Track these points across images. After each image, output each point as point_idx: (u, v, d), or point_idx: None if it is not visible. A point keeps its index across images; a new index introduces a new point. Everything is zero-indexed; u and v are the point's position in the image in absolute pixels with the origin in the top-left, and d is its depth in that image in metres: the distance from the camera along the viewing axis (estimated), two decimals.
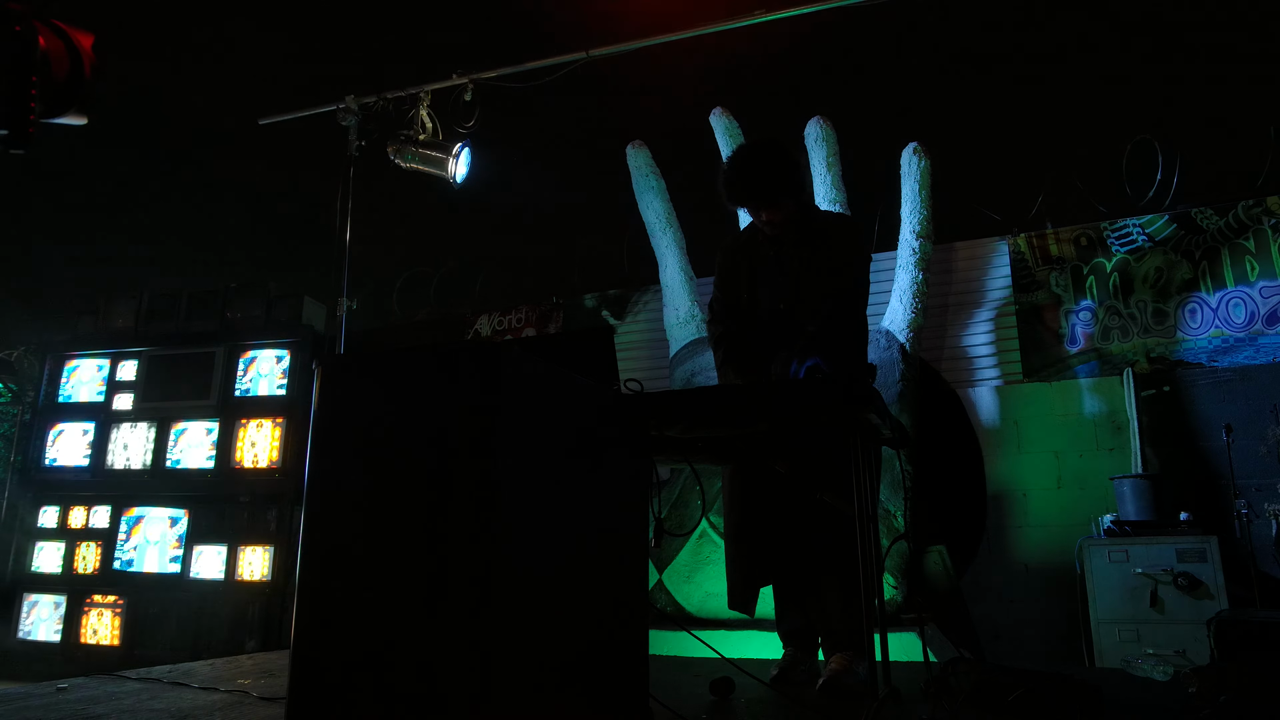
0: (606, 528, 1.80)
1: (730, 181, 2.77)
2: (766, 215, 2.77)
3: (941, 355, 4.82)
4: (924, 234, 4.78)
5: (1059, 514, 4.36)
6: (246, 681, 2.58)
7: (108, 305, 6.36)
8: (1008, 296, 4.76)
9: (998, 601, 4.36)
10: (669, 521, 2.22)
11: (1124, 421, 4.33)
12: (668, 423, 2.12)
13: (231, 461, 5.73)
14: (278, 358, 5.86)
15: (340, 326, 3.98)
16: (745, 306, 2.85)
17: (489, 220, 6.88)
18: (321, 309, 5.97)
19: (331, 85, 4.33)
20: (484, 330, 6.01)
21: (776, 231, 2.80)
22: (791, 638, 2.69)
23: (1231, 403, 4.13)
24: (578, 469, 1.70)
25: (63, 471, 6.03)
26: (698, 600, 4.87)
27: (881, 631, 2.08)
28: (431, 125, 4.28)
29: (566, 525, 1.62)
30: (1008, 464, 4.54)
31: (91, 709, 2.14)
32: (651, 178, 5.50)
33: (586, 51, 4.11)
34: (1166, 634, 3.57)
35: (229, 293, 6.16)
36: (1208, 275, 4.39)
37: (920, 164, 4.84)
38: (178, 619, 5.50)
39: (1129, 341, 4.47)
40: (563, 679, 1.56)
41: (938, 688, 2.13)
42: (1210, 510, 3.99)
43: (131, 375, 6.12)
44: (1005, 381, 4.65)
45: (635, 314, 5.63)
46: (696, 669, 2.70)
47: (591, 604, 1.70)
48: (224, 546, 5.59)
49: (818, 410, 2.06)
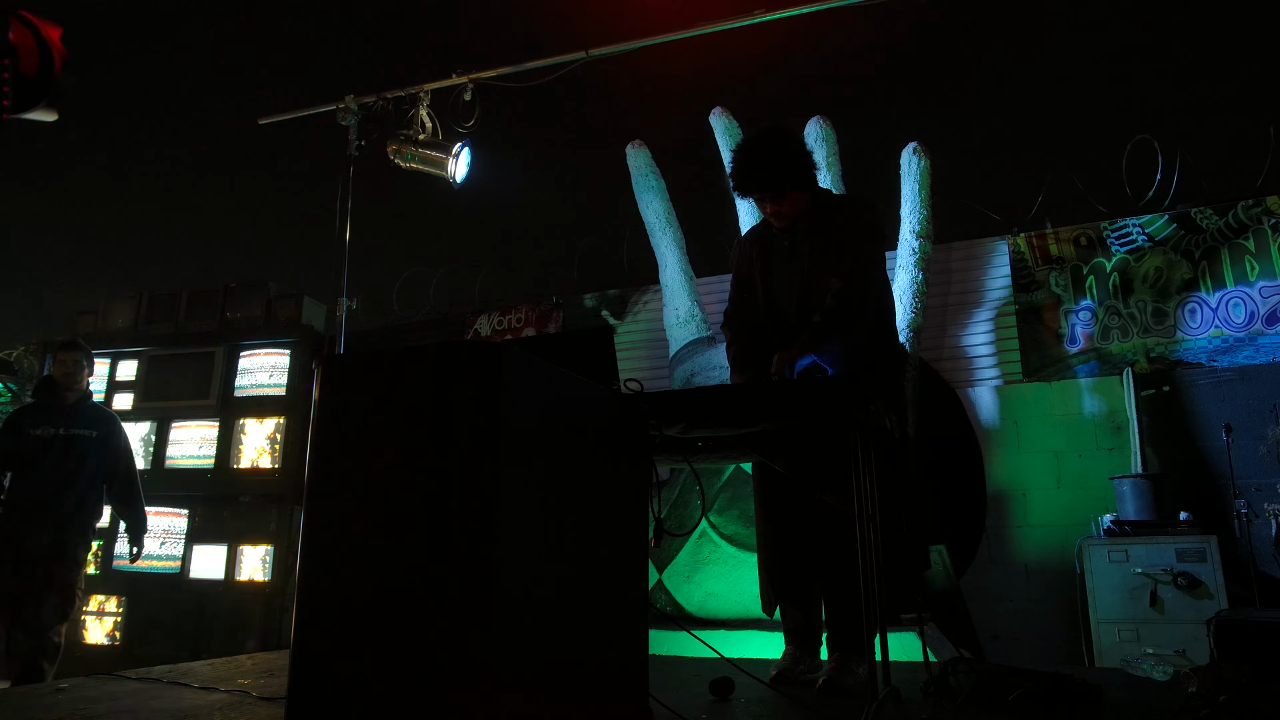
0: (606, 527, 1.80)
1: (736, 171, 2.69)
2: (773, 206, 2.68)
3: (941, 355, 4.82)
4: (924, 234, 4.78)
5: (1059, 514, 4.36)
6: (246, 681, 2.58)
7: (108, 305, 6.37)
8: (1007, 296, 4.76)
9: (998, 601, 4.36)
10: (669, 521, 2.22)
11: (1124, 421, 4.33)
12: (668, 422, 2.12)
13: (231, 461, 5.73)
14: (277, 357, 5.86)
15: (340, 326, 3.98)
16: (760, 303, 2.81)
17: (489, 220, 6.89)
18: (321, 309, 5.98)
19: (332, 85, 4.34)
20: (484, 330, 6.01)
21: (787, 223, 2.72)
22: (792, 637, 2.69)
23: (1231, 403, 4.13)
24: (578, 468, 1.70)
25: None
26: (698, 600, 4.87)
27: (881, 631, 2.09)
28: (431, 125, 4.28)
29: (567, 525, 1.62)
30: (1008, 464, 4.54)
31: (91, 709, 2.14)
32: (651, 178, 5.50)
33: (586, 51, 4.11)
34: (1166, 634, 3.57)
35: (229, 292, 6.16)
36: (1207, 275, 4.39)
37: (920, 164, 4.84)
38: (178, 619, 5.50)
39: (1129, 341, 4.47)
40: (563, 678, 1.56)
41: (938, 688, 2.13)
42: (1210, 510, 3.99)
43: (131, 375, 6.12)
44: (1005, 381, 4.65)
45: (635, 314, 5.63)
46: (696, 669, 2.70)
47: (592, 603, 1.70)
48: (224, 546, 5.59)
49: (813, 410, 2.06)
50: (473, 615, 1.33)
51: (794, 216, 2.71)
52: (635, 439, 1.97)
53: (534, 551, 1.48)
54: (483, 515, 1.36)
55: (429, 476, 1.41)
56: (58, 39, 1.03)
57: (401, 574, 1.39)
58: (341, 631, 1.41)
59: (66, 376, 4.08)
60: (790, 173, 2.65)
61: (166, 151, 7.81)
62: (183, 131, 7.66)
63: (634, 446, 1.97)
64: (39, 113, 1.03)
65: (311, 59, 6.95)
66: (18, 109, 1.00)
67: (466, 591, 1.33)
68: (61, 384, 4.09)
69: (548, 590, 1.53)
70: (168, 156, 7.81)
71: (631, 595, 1.88)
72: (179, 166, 7.89)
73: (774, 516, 2.70)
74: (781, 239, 2.77)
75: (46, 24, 1.03)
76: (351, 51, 6.84)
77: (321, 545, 1.47)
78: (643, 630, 1.91)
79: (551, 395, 1.61)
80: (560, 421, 1.64)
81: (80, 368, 4.12)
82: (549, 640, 1.51)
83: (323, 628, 1.44)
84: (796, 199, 2.69)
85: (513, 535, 1.41)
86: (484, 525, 1.36)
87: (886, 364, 2.64)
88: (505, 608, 1.36)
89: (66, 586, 3.86)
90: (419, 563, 1.37)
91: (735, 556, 4.79)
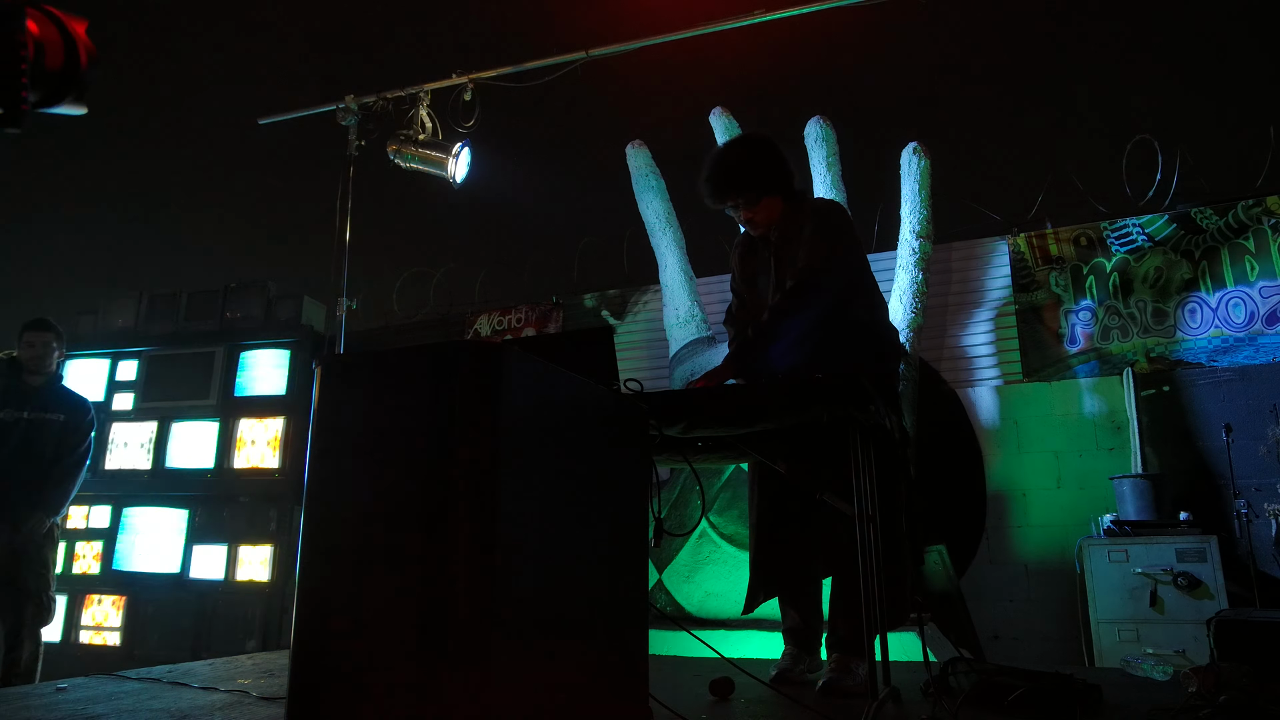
0: (607, 527, 1.80)
1: (705, 182, 2.64)
2: (747, 214, 2.64)
3: (941, 355, 4.82)
4: (924, 234, 4.78)
5: (1059, 514, 4.36)
6: (246, 681, 2.58)
7: (108, 305, 6.37)
8: (1007, 296, 4.75)
9: (998, 601, 4.36)
10: (669, 521, 2.22)
11: (1124, 421, 4.33)
12: (668, 422, 2.12)
13: (231, 461, 5.73)
14: (277, 357, 5.86)
15: (340, 326, 3.97)
16: (750, 307, 2.82)
17: (489, 220, 6.89)
18: (321, 309, 5.98)
19: (332, 85, 4.34)
20: (484, 330, 6.02)
21: (764, 230, 2.68)
22: (792, 637, 2.69)
23: (1231, 403, 4.13)
24: (578, 468, 1.70)
25: None
26: (698, 600, 4.87)
27: (881, 631, 2.09)
28: (431, 125, 4.28)
29: (567, 524, 1.62)
30: (1008, 464, 4.54)
31: (91, 709, 2.14)
32: (651, 178, 5.50)
33: (586, 51, 4.11)
34: (1166, 634, 3.57)
35: (229, 293, 6.16)
36: (1207, 275, 4.39)
37: (920, 164, 4.84)
38: (178, 619, 5.50)
39: (1129, 341, 4.47)
40: (563, 679, 1.56)
41: (938, 688, 2.13)
42: (1210, 510, 3.99)
43: (131, 375, 6.12)
44: (1005, 381, 4.65)
45: (635, 314, 5.63)
46: (696, 669, 2.70)
47: (592, 603, 1.70)
48: (224, 546, 5.59)
49: (813, 410, 2.06)
50: (473, 615, 1.33)
51: (769, 224, 2.67)
52: (635, 439, 1.97)
53: (534, 552, 1.48)
54: (483, 515, 1.36)
55: (429, 477, 1.41)
56: (84, 33, 1.02)
57: (401, 574, 1.39)
58: (341, 631, 1.41)
59: (35, 360, 3.81)
60: (759, 180, 2.60)
61: (167, 151, 7.82)
62: (183, 131, 7.67)
63: (634, 446, 1.97)
64: (66, 107, 1.02)
65: (311, 59, 6.95)
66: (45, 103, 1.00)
67: (466, 591, 1.33)
68: (28, 366, 3.81)
69: (548, 590, 1.53)
70: (168, 156, 7.82)
71: (631, 595, 1.88)
72: (179, 166, 7.89)
73: (770, 516, 2.70)
74: (763, 248, 2.75)
75: (72, 18, 1.03)
76: (351, 52, 6.84)
77: (321, 545, 1.47)
78: (643, 630, 1.91)
79: (551, 395, 1.61)
80: (560, 422, 1.64)
81: (51, 350, 3.85)
82: (549, 640, 1.51)
83: (323, 627, 1.44)
84: (770, 206, 2.64)
85: (513, 536, 1.41)
86: (484, 525, 1.36)
87: (874, 361, 2.60)
88: (505, 608, 1.36)
89: (39, 593, 3.62)
90: (419, 563, 1.37)
91: (735, 556, 4.79)
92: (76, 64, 1.03)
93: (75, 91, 1.05)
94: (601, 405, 1.84)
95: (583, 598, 1.66)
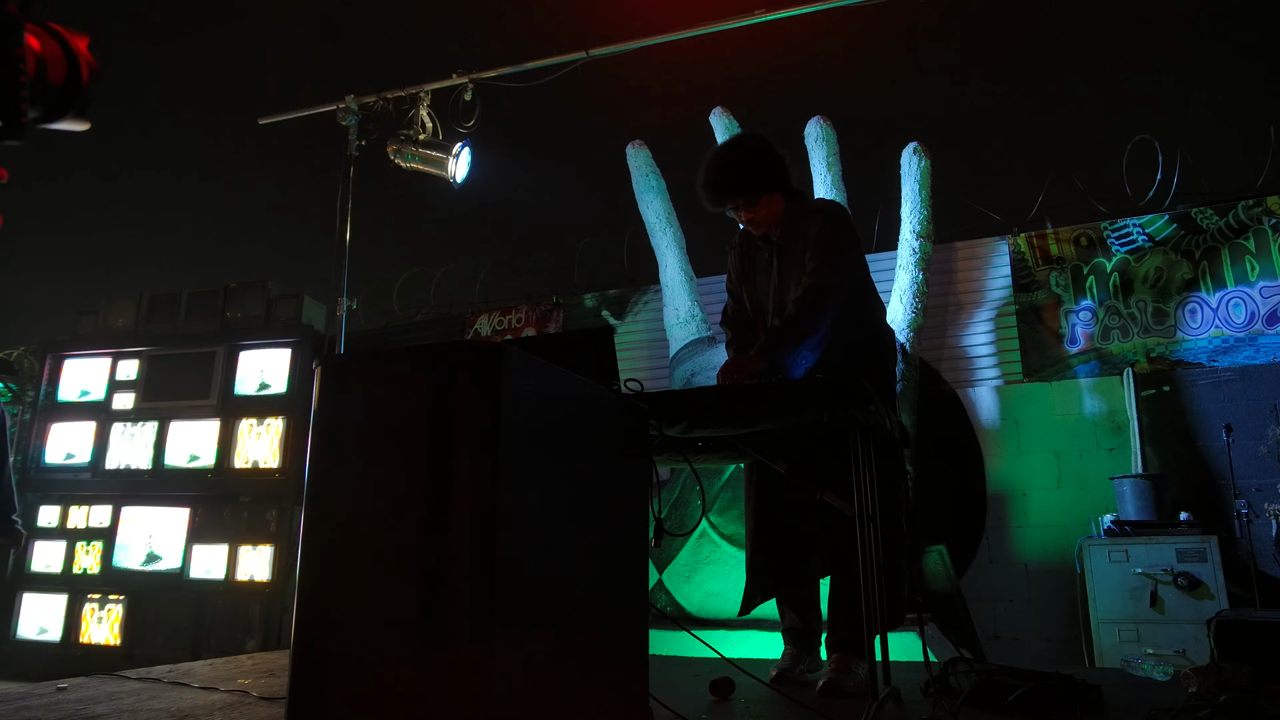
0: (607, 527, 1.80)
1: (704, 184, 2.62)
2: (747, 214, 2.63)
3: (941, 355, 4.82)
4: (924, 234, 4.79)
5: (1059, 514, 4.36)
6: (246, 681, 2.58)
7: (108, 305, 6.37)
8: (1008, 296, 4.75)
9: (998, 601, 4.36)
10: (669, 521, 2.22)
11: (1124, 421, 4.33)
12: (668, 422, 2.12)
13: (231, 461, 5.73)
14: (278, 357, 5.85)
15: (340, 326, 3.98)
16: (747, 310, 2.82)
17: (489, 220, 6.89)
18: (321, 309, 5.97)
19: (332, 85, 4.34)
20: (484, 330, 6.01)
21: (764, 230, 2.67)
22: (792, 637, 2.69)
23: (1231, 403, 4.13)
24: (578, 468, 1.70)
25: (62, 471, 6.03)
26: (698, 600, 4.87)
27: (882, 631, 2.08)
28: (431, 125, 4.28)
29: (567, 524, 1.62)
30: (1008, 464, 4.54)
31: (91, 709, 2.14)
32: (651, 178, 5.50)
33: (586, 51, 4.11)
34: (1166, 634, 3.57)
35: (229, 293, 6.16)
36: (1208, 275, 4.39)
37: (920, 164, 4.84)
38: (178, 619, 5.50)
39: (1129, 341, 4.46)
40: (563, 679, 1.56)
41: (938, 688, 2.13)
42: (1210, 510, 3.99)
43: (132, 375, 6.12)
44: (1005, 381, 4.65)
45: (635, 314, 5.63)
46: (696, 669, 2.70)
47: (592, 603, 1.70)
48: (224, 546, 5.58)
49: (813, 410, 2.06)
50: (473, 615, 1.33)
51: (770, 223, 2.66)
52: (635, 439, 1.97)
53: (534, 552, 1.48)
54: (483, 515, 1.36)
55: (429, 476, 1.41)
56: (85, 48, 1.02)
57: (401, 574, 1.39)
58: (341, 631, 1.41)
59: None
60: (758, 180, 2.58)
61: (167, 151, 7.82)
62: (183, 131, 7.67)
63: (634, 446, 1.97)
64: (68, 123, 1.02)
65: (311, 59, 6.95)
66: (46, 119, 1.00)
67: (466, 592, 1.33)
68: None
69: (548, 590, 1.53)
70: (168, 156, 7.82)
71: (631, 595, 1.88)
72: (179, 166, 7.89)
73: (767, 517, 2.70)
74: (762, 248, 2.74)
75: (74, 34, 1.02)
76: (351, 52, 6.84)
77: (321, 545, 1.47)
78: (643, 630, 1.91)
79: (552, 395, 1.61)
80: (560, 421, 1.64)
81: None
82: (549, 640, 1.51)
83: (323, 627, 1.44)
84: (769, 205, 2.63)
85: (513, 535, 1.41)
86: (484, 525, 1.36)
87: (875, 362, 2.61)
88: (505, 608, 1.36)
89: None
90: (419, 563, 1.37)
91: (735, 557, 4.79)
92: (78, 79, 1.03)
93: (77, 107, 1.05)
94: (602, 405, 1.84)
95: (583, 598, 1.66)
